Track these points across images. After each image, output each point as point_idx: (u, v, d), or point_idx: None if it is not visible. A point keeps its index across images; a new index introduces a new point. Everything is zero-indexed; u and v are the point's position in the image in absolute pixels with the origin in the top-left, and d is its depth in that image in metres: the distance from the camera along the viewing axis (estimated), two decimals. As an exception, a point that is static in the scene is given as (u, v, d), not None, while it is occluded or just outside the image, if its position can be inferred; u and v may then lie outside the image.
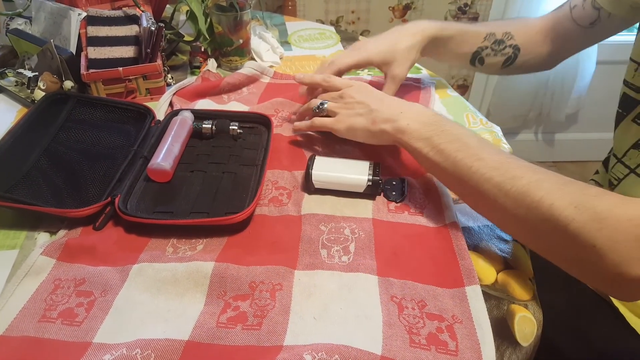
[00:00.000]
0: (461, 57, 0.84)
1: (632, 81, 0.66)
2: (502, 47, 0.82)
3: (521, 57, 0.83)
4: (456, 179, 0.55)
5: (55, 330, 0.48)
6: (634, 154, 0.66)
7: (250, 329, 0.48)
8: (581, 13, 0.77)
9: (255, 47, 0.99)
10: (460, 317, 0.49)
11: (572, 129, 2.13)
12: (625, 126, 0.68)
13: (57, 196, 0.62)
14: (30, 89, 0.84)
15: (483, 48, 0.82)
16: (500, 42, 0.82)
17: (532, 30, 0.83)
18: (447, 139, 0.57)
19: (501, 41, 0.82)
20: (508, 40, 0.82)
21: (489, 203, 0.52)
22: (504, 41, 0.82)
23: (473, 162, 0.53)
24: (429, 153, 0.58)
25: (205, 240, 0.58)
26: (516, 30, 0.82)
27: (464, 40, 0.81)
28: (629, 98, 0.67)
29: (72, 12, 0.87)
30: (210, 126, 0.73)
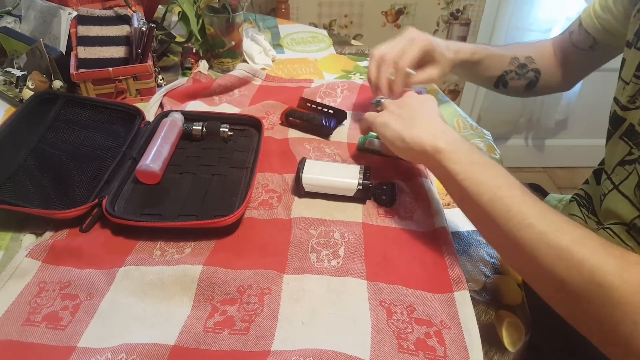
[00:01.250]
0: (486, 80, 0.85)
1: (620, 99, 0.67)
2: (526, 71, 0.83)
3: (541, 80, 0.85)
4: (488, 217, 0.49)
5: (39, 334, 0.47)
6: (619, 170, 0.67)
7: (238, 333, 0.47)
8: (578, 38, 0.80)
9: (248, 49, 0.98)
10: (449, 322, 0.49)
11: (562, 135, 2.15)
12: (614, 143, 0.68)
13: (43, 197, 0.61)
14: (18, 88, 0.83)
15: (508, 72, 0.83)
16: (524, 66, 0.83)
17: (548, 53, 0.85)
18: (489, 174, 0.51)
19: (524, 65, 0.83)
20: (530, 64, 0.83)
21: (522, 251, 0.46)
22: (526, 65, 0.83)
23: (514, 205, 0.47)
24: (464, 181, 0.51)
25: (194, 243, 0.57)
26: (536, 54, 0.84)
27: (491, 64, 0.83)
28: (616, 115, 0.68)
29: (62, 11, 0.86)
30: (200, 128, 0.72)
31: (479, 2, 1.83)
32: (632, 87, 0.64)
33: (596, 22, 0.75)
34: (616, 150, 0.68)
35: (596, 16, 0.75)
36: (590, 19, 0.76)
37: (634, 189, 0.62)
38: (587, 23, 0.77)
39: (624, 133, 0.66)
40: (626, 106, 0.65)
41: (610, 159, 0.69)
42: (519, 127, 2.12)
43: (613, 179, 0.68)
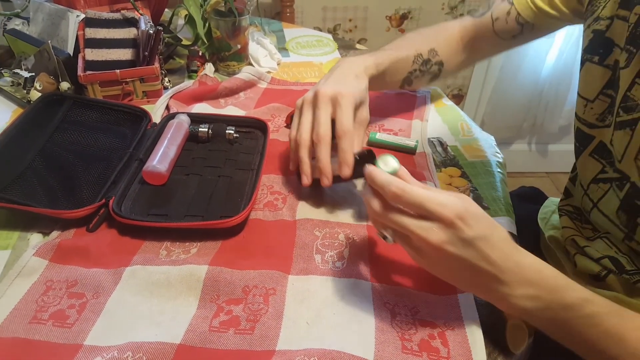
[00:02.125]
0: (393, 84, 0.82)
1: (584, 117, 0.65)
2: (429, 66, 0.80)
3: (444, 71, 0.83)
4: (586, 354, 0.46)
5: (46, 331, 0.48)
6: (594, 188, 0.65)
7: (243, 333, 0.48)
8: (504, 26, 0.77)
9: (253, 52, 0.99)
10: (452, 324, 0.49)
11: (565, 140, 2.14)
12: (584, 160, 0.67)
13: (51, 197, 0.61)
14: (26, 89, 0.83)
15: (412, 72, 0.80)
16: (427, 61, 0.80)
17: (453, 41, 0.82)
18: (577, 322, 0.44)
19: (428, 60, 0.80)
20: (433, 58, 0.80)
21: None
22: (430, 60, 0.80)
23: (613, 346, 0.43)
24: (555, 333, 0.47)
25: (199, 243, 0.58)
26: (439, 45, 0.81)
27: (396, 69, 0.78)
28: (582, 133, 0.66)
29: (70, 14, 0.87)
30: (206, 130, 0.73)
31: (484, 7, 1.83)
32: (600, 105, 0.62)
33: (536, 11, 0.72)
34: (588, 168, 0.66)
35: (536, 7, 0.72)
36: (529, 11, 0.73)
37: (615, 212, 0.61)
38: (525, 13, 0.73)
39: (594, 150, 0.65)
40: (594, 124, 0.64)
41: (584, 175, 0.68)
42: (523, 132, 2.12)
43: (590, 196, 0.67)
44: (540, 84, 1.94)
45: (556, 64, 1.86)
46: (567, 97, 1.91)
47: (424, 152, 0.75)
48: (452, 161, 0.75)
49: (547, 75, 1.91)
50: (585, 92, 0.64)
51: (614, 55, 0.60)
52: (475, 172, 0.73)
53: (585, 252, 0.66)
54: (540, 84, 1.94)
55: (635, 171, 0.57)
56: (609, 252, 0.64)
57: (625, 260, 0.62)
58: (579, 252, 0.68)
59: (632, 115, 0.56)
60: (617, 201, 0.60)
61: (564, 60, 1.83)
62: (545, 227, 0.80)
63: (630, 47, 0.56)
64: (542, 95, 1.97)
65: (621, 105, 0.57)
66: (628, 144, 0.57)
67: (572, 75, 1.85)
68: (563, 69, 1.86)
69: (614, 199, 0.61)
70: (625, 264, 0.61)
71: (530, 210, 0.86)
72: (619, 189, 0.60)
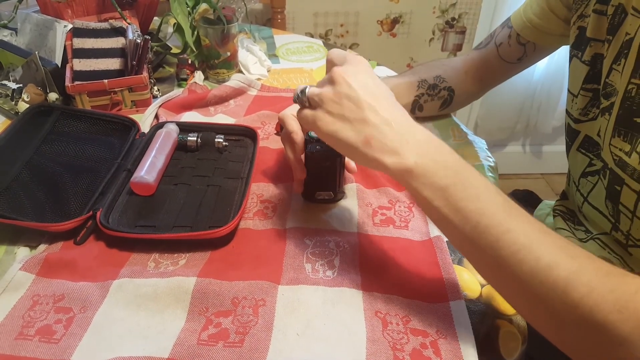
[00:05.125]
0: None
1: (571, 112, 0.67)
2: (437, 90, 0.81)
3: (456, 97, 0.83)
4: (474, 246, 0.43)
5: (32, 347, 0.47)
6: (583, 182, 0.67)
7: (232, 346, 0.47)
8: (508, 50, 0.78)
9: (243, 59, 0.99)
10: (445, 332, 0.49)
11: (559, 141, 2.15)
12: (573, 155, 0.68)
13: (38, 210, 0.61)
14: (14, 100, 0.83)
15: (420, 96, 0.81)
16: (435, 86, 0.81)
17: (459, 72, 0.83)
18: (467, 194, 0.43)
19: (435, 85, 0.81)
20: (441, 84, 0.81)
21: (515, 286, 0.42)
22: (437, 85, 0.81)
23: (500, 235, 0.41)
24: (442, 208, 0.44)
25: (188, 254, 0.57)
26: (445, 73, 0.82)
27: (399, 92, 0.78)
28: (570, 128, 0.68)
29: (57, 24, 0.87)
30: (195, 139, 0.72)
31: (474, 11, 1.84)
32: (582, 100, 0.64)
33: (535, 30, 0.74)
34: (577, 163, 0.68)
35: (533, 25, 0.73)
36: (528, 29, 0.74)
37: (604, 201, 0.61)
38: (525, 33, 0.75)
39: (581, 145, 0.66)
40: (578, 119, 0.65)
41: (574, 171, 0.69)
42: (516, 133, 2.13)
43: (581, 190, 0.68)
44: (533, 85, 1.95)
45: (548, 65, 1.87)
46: (559, 98, 1.92)
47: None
48: (443, 166, 0.74)
49: (540, 76, 1.92)
50: (572, 87, 0.67)
51: (590, 51, 0.62)
52: (467, 177, 0.72)
53: None
54: (532, 85, 1.95)
55: (610, 156, 0.57)
56: (602, 254, 0.64)
57: (618, 262, 0.62)
58: None
59: (610, 100, 0.58)
60: (604, 190, 0.61)
61: (555, 61, 1.84)
62: None
63: (609, 37, 0.58)
64: (535, 96, 1.98)
65: (602, 92, 0.59)
66: (606, 129, 0.58)
67: (564, 76, 1.86)
68: (555, 70, 1.86)
69: (602, 189, 0.62)
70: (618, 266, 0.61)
71: (524, 214, 0.86)
72: (604, 177, 0.61)
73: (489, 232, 0.42)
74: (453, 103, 0.84)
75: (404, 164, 0.44)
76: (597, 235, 0.66)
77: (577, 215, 0.73)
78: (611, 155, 0.57)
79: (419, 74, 0.81)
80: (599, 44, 0.60)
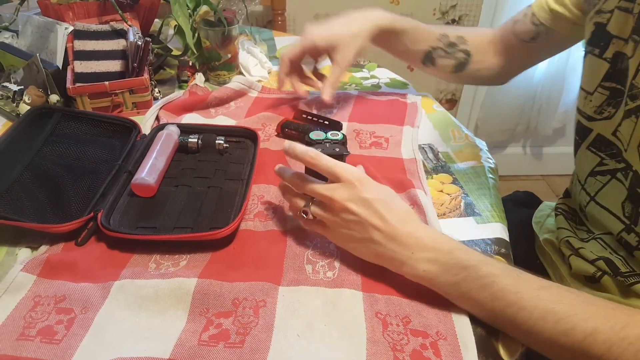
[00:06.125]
0: (413, 54, 0.83)
1: (584, 109, 0.66)
2: (454, 50, 0.81)
3: (472, 64, 0.83)
4: (496, 323, 0.48)
5: (33, 348, 0.47)
6: (591, 181, 0.66)
7: (233, 347, 0.47)
8: (522, 27, 0.78)
9: (244, 61, 0.99)
10: (445, 333, 0.49)
11: (560, 143, 2.15)
12: (582, 154, 0.68)
13: (39, 211, 0.61)
14: (15, 102, 0.83)
15: (435, 48, 0.81)
16: (453, 44, 0.81)
17: (484, 40, 0.83)
18: (477, 285, 0.47)
19: (454, 44, 0.81)
20: (461, 44, 0.82)
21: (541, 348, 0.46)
22: (456, 44, 0.81)
23: (515, 314, 0.46)
24: (459, 300, 0.50)
25: (189, 256, 0.57)
26: (469, 36, 0.83)
27: (418, 36, 0.81)
28: (582, 125, 0.67)
29: (59, 26, 0.87)
30: (196, 140, 0.73)
31: (474, 12, 1.84)
32: (598, 98, 0.63)
33: (550, 14, 0.74)
34: (585, 161, 0.67)
35: (550, 9, 0.73)
36: (544, 11, 0.75)
37: (621, 203, 0.61)
38: (540, 15, 0.75)
39: (591, 143, 0.65)
40: (592, 117, 0.64)
41: (581, 170, 0.69)
42: (517, 135, 2.13)
43: (587, 189, 0.67)
44: (533, 86, 1.95)
45: (548, 67, 1.87)
46: (560, 100, 1.92)
47: (414, 158, 0.75)
48: (443, 167, 0.75)
49: (540, 78, 1.92)
50: (586, 85, 0.65)
51: (612, 48, 0.60)
52: (467, 178, 0.72)
53: (580, 254, 0.66)
54: (533, 87, 1.95)
55: (637, 159, 0.57)
56: (603, 254, 0.64)
57: (619, 262, 0.62)
58: (573, 253, 0.68)
59: (636, 103, 0.57)
60: (623, 192, 0.60)
61: (556, 63, 1.84)
62: (540, 230, 0.80)
63: (636, 37, 0.57)
64: (535, 98, 1.98)
65: (628, 93, 0.58)
66: (633, 132, 0.57)
67: (564, 78, 1.86)
68: (555, 72, 1.86)
69: (619, 190, 0.61)
70: (620, 266, 0.61)
71: (525, 215, 0.86)
72: (625, 178, 0.60)
73: (505, 313, 0.46)
74: (468, 70, 0.84)
75: (414, 274, 0.50)
76: (600, 234, 0.66)
77: (578, 214, 0.73)
78: (639, 158, 0.57)
79: (443, 29, 0.82)
80: (622, 42, 0.59)
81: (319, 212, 0.54)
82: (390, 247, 0.51)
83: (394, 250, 0.51)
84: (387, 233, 0.51)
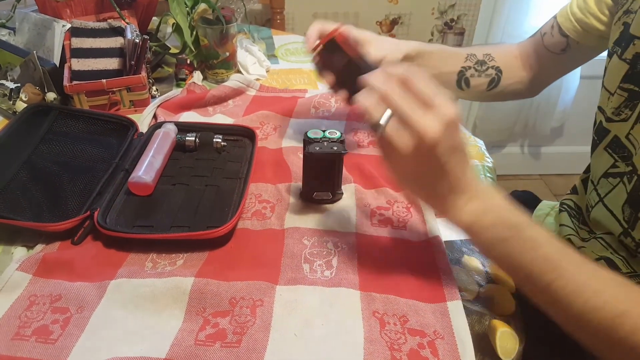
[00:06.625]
0: (446, 76, 0.82)
1: (606, 109, 0.65)
2: (485, 67, 0.81)
3: (504, 80, 0.83)
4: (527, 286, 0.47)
5: (29, 348, 0.47)
6: (604, 182, 0.66)
7: (230, 346, 0.47)
8: (551, 40, 0.78)
9: (242, 60, 0.99)
10: (442, 332, 0.49)
11: (558, 142, 2.15)
12: (598, 154, 0.67)
13: (35, 210, 0.61)
14: (12, 100, 0.83)
15: (467, 68, 0.81)
16: (482, 62, 0.81)
17: (510, 54, 0.83)
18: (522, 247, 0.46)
19: (483, 62, 0.81)
20: (489, 61, 0.81)
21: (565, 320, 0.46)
22: (485, 62, 0.81)
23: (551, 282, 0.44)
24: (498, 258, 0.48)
25: (186, 255, 0.57)
26: (495, 52, 0.82)
27: (446, 57, 0.81)
28: (602, 125, 0.66)
29: (56, 24, 0.87)
30: (193, 139, 0.72)
31: (473, 12, 1.84)
32: (617, 99, 0.62)
33: (576, 25, 0.74)
34: (601, 161, 0.66)
35: (576, 19, 0.73)
36: (569, 22, 0.74)
37: (621, 206, 0.61)
38: (565, 26, 0.75)
39: (608, 144, 0.65)
40: (610, 118, 0.64)
41: (596, 170, 0.68)
42: (515, 134, 2.13)
43: (599, 190, 0.67)
44: (531, 86, 1.94)
45: (547, 67, 1.87)
46: (558, 99, 1.91)
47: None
48: (441, 167, 0.74)
49: (538, 78, 1.92)
50: (608, 85, 0.65)
51: (633, 49, 0.60)
52: (465, 178, 0.72)
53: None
54: (531, 87, 1.95)
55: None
56: (604, 253, 0.64)
57: (620, 262, 0.61)
58: None
59: None
60: (624, 195, 0.60)
61: (554, 63, 1.84)
62: None
63: None
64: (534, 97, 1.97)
65: None
66: None
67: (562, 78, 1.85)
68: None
69: (622, 193, 0.61)
70: (621, 266, 0.61)
71: (524, 214, 0.86)
72: (628, 182, 0.60)
73: (540, 279, 0.45)
74: (501, 85, 0.83)
75: (463, 221, 0.48)
76: (601, 234, 0.66)
77: (583, 214, 0.73)
78: None
79: (468, 49, 0.82)
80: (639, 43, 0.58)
81: (397, 137, 0.44)
82: (453, 192, 0.47)
83: (455, 196, 0.48)
84: (456, 179, 0.47)
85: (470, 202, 0.47)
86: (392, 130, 0.44)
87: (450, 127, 0.43)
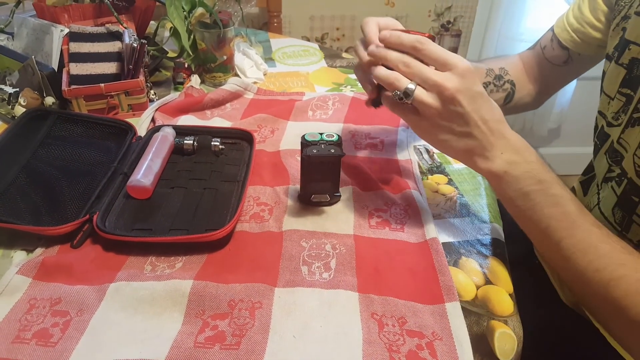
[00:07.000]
0: None
1: (607, 114, 0.66)
2: (502, 82, 0.81)
3: (517, 93, 0.82)
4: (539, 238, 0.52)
5: (29, 351, 0.47)
6: (604, 187, 0.66)
7: (229, 348, 0.47)
8: (552, 53, 0.78)
9: (239, 63, 0.99)
10: (440, 333, 0.49)
11: (555, 144, 2.16)
12: (600, 158, 0.67)
13: (34, 214, 0.61)
14: (10, 105, 0.83)
15: (487, 84, 0.80)
16: (500, 77, 0.81)
17: (518, 67, 0.83)
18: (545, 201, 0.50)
19: (500, 76, 0.81)
20: (505, 76, 0.81)
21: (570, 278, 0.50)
22: (502, 76, 0.81)
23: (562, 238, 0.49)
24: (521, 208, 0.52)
25: (185, 258, 0.57)
26: (508, 66, 0.82)
27: None
28: (603, 130, 0.67)
29: (54, 29, 0.87)
30: (191, 142, 0.73)
31: (470, 14, 1.85)
32: (617, 104, 0.63)
33: (574, 36, 0.74)
34: (600, 166, 0.67)
35: (573, 30, 0.73)
36: (566, 33, 0.75)
37: (612, 208, 0.61)
38: (563, 37, 0.75)
39: (608, 149, 0.65)
40: (611, 122, 0.64)
41: (598, 175, 0.68)
42: (512, 136, 2.13)
43: (601, 194, 0.67)
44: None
45: (543, 69, 1.87)
46: (555, 100, 1.92)
47: (409, 159, 0.75)
48: (438, 168, 0.75)
49: (535, 79, 1.92)
50: (608, 90, 0.66)
51: (629, 54, 0.60)
52: (462, 179, 0.73)
53: None
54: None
55: (632, 167, 0.57)
56: None
57: None
58: None
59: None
60: (614, 197, 0.61)
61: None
62: None
63: None
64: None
65: (638, 103, 0.58)
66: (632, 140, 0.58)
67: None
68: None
69: (612, 196, 0.62)
70: None
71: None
72: (618, 185, 0.60)
73: (555, 235, 0.49)
74: (514, 99, 0.83)
75: (496, 172, 0.52)
76: None
77: None
78: (634, 166, 0.57)
79: (485, 62, 0.82)
80: (638, 48, 0.59)
81: (424, 98, 0.50)
82: (484, 144, 0.51)
83: (486, 148, 0.51)
84: (486, 130, 0.51)
85: (506, 152, 0.51)
86: (420, 93, 0.50)
87: (467, 77, 0.49)
